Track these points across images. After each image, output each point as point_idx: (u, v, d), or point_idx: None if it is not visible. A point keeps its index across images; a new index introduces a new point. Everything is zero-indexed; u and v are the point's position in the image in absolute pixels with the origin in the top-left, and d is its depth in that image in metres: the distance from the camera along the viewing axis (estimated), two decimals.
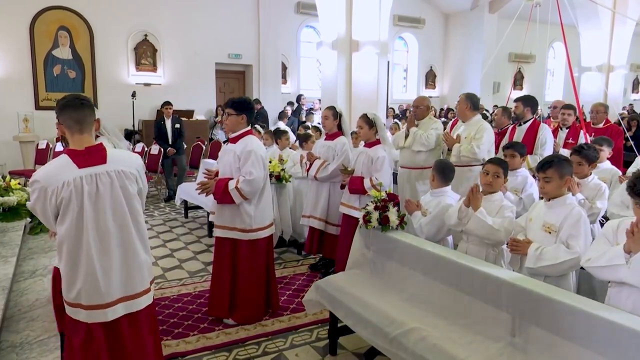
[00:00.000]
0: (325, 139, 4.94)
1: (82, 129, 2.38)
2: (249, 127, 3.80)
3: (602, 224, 3.62)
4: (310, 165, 4.89)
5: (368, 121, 4.38)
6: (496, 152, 5.45)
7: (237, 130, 3.73)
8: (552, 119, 6.27)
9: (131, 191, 2.46)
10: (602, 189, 3.65)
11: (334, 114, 4.79)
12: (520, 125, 5.13)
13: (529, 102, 5.11)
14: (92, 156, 2.37)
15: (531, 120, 5.06)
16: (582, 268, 2.59)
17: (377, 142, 4.41)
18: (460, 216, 3.21)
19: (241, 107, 3.70)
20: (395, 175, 6.11)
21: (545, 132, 4.99)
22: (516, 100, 5.27)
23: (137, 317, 2.52)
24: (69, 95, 2.44)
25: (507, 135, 5.41)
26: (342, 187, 4.56)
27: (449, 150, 5.02)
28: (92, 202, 2.34)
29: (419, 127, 5.30)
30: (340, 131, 4.83)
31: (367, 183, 4.28)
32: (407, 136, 5.32)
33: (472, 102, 4.92)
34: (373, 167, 4.31)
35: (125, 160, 2.49)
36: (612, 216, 3.49)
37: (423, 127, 5.29)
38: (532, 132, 5.00)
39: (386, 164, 4.30)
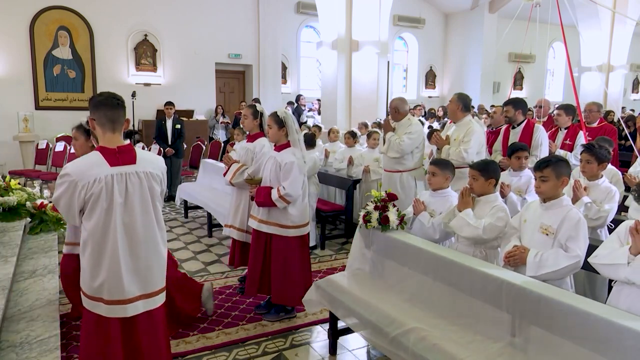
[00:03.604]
0: (247, 141, 4.48)
1: (114, 128, 2.44)
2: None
3: (610, 229, 3.59)
4: (228, 169, 4.42)
5: (277, 120, 3.74)
6: (490, 152, 5.44)
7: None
8: (537, 118, 6.26)
9: (156, 192, 2.54)
10: (612, 192, 3.56)
11: (253, 112, 4.32)
12: (513, 127, 5.09)
13: (519, 104, 5.08)
14: (123, 156, 2.43)
15: (525, 122, 5.04)
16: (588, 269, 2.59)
17: (287, 145, 3.80)
18: (449, 218, 3.25)
19: None
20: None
21: (541, 133, 4.97)
22: (505, 104, 5.18)
23: (153, 314, 2.55)
24: (105, 93, 2.50)
25: (500, 137, 5.35)
26: (252, 198, 3.93)
27: (439, 149, 4.99)
28: (122, 200, 2.40)
29: (397, 130, 5.25)
30: (262, 132, 4.34)
31: (274, 194, 3.67)
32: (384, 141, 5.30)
33: (463, 103, 4.84)
34: (281, 175, 3.70)
35: (153, 162, 2.57)
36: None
37: (400, 129, 5.23)
38: (528, 134, 4.96)
39: (295, 171, 3.65)
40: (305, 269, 3.96)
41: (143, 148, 8.64)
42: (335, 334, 3.45)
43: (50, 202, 5.27)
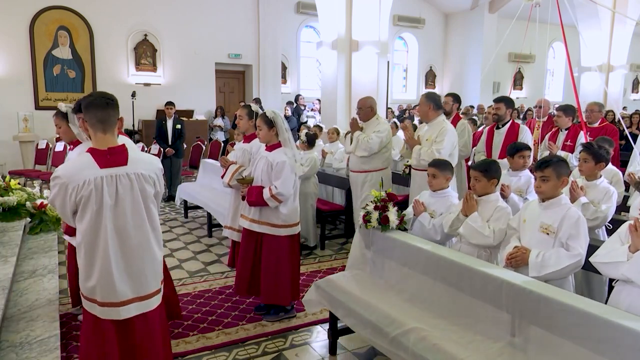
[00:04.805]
0: (243, 142, 4.50)
1: (105, 129, 2.40)
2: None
3: (607, 229, 3.59)
4: (225, 171, 4.41)
5: (267, 121, 3.73)
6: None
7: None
8: (537, 119, 6.26)
9: (149, 194, 2.49)
10: (610, 192, 3.56)
11: (248, 113, 4.34)
12: (498, 128, 5.05)
13: (510, 103, 5.05)
14: (114, 157, 2.40)
15: (509, 123, 5.02)
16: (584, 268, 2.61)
17: (278, 145, 3.80)
18: (456, 225, 3.25)
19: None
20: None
21: (527, 134, 4.98)
22: (497, 101, 5.12)
23: (149, 317, 2.54)
24: (95, 93, 2.48)
25: (484, 137, 5.29)
26: (243, 198, 3.92)
27: (409, 149, 4.90)
28: (111, 202, 2.38)
29: (366, 129, 5.16)
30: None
31: (266, 193, 3.68)
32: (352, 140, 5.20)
33: (434, 102, 4.75)
34: (273, 174, 3.70)
35: (146, 163, 2.52)
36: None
37: (368, 129, 5.16)
38: (513, 135, 4.95)
39: (287, 170, 3.66)
40: (296, 268, 3.97)
41: (143, 148, 8.64)
42: (335, 334, 3.44)
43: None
